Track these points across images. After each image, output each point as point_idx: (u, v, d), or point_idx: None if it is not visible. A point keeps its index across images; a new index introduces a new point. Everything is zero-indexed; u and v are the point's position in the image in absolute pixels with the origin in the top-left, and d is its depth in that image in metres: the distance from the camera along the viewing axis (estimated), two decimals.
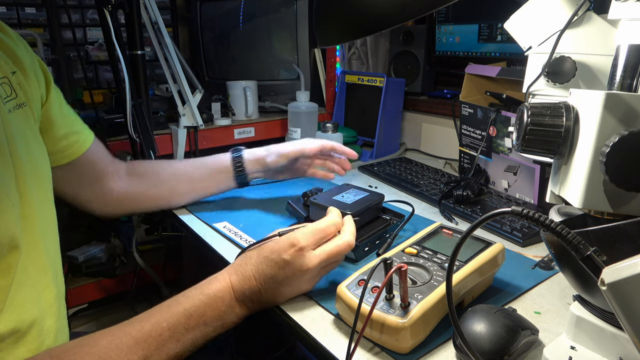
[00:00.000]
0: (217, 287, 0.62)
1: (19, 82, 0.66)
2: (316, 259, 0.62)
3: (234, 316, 0.62)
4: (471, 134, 1.14)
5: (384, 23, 0.66)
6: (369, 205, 0.82)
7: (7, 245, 0.56)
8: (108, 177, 0.89)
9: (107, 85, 1.54)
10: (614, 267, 0.35)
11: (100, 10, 1.05)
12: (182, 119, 1.28)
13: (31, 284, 0.61)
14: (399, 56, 1.57)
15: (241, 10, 1.51)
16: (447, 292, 0.44)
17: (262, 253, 0.64)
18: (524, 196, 1.02)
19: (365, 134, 1.44)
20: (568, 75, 0.62)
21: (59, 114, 0.76)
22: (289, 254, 0.62)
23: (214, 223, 0.92)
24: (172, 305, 0.59)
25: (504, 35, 1.21)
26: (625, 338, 0.46)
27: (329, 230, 0.65)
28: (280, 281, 0.63)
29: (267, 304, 0.65)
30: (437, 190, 1.08)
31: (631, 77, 0.50)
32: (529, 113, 0.50)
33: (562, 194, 0.51)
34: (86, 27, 1.52)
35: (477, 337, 0.53)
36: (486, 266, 0.64)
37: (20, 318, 0.58)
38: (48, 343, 0.63)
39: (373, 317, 0.55)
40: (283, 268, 0.62)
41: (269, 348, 1.35)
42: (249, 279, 0.62)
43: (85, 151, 0.81)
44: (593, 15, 0.62)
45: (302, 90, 1.32)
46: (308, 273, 0.63)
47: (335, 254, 0.64)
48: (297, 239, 0.63)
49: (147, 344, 0.55)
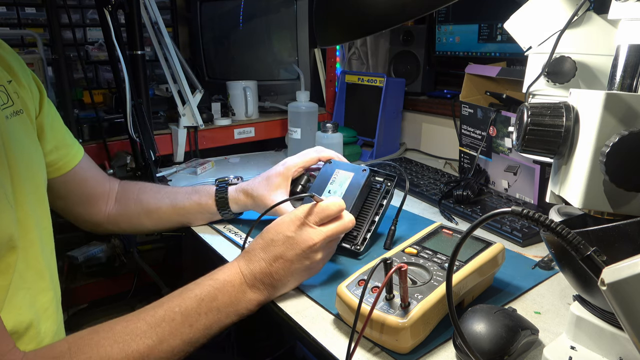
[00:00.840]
0: (227, 272, 0.63)
1: (15, 91, 0.67)
2: (321, 234, 0.64)
3: (247, 302, 0.62)
4: (471, 134, 1.14)
5: (384, 23, 0.66)
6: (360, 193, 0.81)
7: (6, 245, 0.56)
8: (98, 197, 0.88)
9: (107, 85, 1.54)
10: (614, 267, 0.35)
11: (100, 10, 1.05)
12: (182, 119, 1.28)
13: (27, 286, 0.61)
14: (399, 56, 1.56)
15: (241, 10, 1.51)
16: (447, 292, 0.44)
17: (267, 235, 0.65)
18: (524, 196, 1.02)
19: (365, 134, 1.44)
20: (568, 75, 0.62)
21: (49, 127, 0.76)
22: (292, 231, 0.64)
23: (214, 223, 0.92)
24: (184, 292, 0.60)
25: (504, 35, 1.21)
26: (625, 338, 0.46)
27: (330, 208, 0.66)
28: (290, 259, 0.63)
29: (281, 287, 0.65)
30: (437, 190, 1.08)
31: (631, 77, 0.50)
32: (529, 113, 0.50)
33: (562, 194, 0.51)
34: (86, 27, 1.52)
35: (477, 337, 0.53)
36: (486, 266, 0.64)
37: (17, 320, 0.58)
38: (45, 344, 0.63)
39: (373, 317, 0.55)
40: (290, 245, 0.63)
41: (269, 348, 1.35)
42: (257, 260, 0.64)
43: (74, 166, 0.81)
44: (593, 15, 0.62)
45: (302, 90, 1.32)
46: (315, 249, 0.64)
47: (339, 230, 0.66)
48: (299, 216, 0.65)
49: (160, 328, 0.56)
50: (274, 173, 0.86)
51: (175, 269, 1.51)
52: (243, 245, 0.76)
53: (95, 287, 1.47)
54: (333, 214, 0.66)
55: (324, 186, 0.84)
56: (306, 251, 0.63)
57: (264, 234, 0.66)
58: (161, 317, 0.57)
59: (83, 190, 0.85)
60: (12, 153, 0.61)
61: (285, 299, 0.67)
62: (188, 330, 0.57)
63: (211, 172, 1.28)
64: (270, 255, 0.64)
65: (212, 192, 0.88)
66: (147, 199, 0.90)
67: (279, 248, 0.64)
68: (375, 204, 0.83)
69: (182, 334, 0.57)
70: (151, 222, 0.90)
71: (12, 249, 0.57)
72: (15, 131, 0.64)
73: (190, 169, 1.26)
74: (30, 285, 0.62)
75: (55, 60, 1.16)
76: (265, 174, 0.87)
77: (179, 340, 0.57)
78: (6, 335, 0.52)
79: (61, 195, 0.82)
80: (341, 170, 0.85)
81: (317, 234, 0.64)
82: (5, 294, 0.57)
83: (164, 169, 1.25)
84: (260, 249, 0.65)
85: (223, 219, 0.92)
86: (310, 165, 0.89)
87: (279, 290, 0.65)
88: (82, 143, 1.16)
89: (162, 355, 0.55)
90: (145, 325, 0.56)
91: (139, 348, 0.54)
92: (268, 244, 0.64)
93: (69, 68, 1.33)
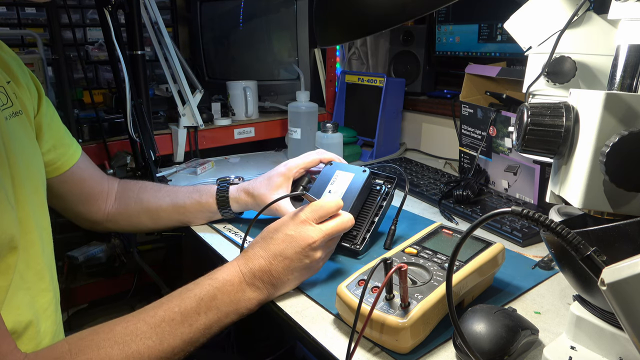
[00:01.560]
0: (226, 271, 0.63)
1: (14, 91, 0.67)
2: (320, 232, 0.64)
3: (247, 301, 0.62)
4: (471, 134, 1.14)
5: (384, 23, 0.66)
6: (359, 193, 0.81)
7: (7, 246, 0.56)
8: (97, 196, 0.88)
9: (107, 85, 1.53)
10: (614, 267, 0.35)
11: (100, 10, 1.05)
12: (182, 119, 1.28)
13: (27, 287, 0.61)
14: (399, 56, 1.56)
15: (241, 10, 1.51)
16: (447, 292, 0.44)
17: (266, 234, 0.66)
18: (524, 196, 1.02)
19: (365, 134, 1.44)
20: (568, 75, 0.62)
21: (47, 126, 0.76)
22: (291, 229, 0.64)
23: (214, 223, 0.92)
24: (183, 292, 0.61)
25: (504, 35, 1.21)
26: (625, 338, 0.46)
27: (329, 206, 0.67)
28: (290, 257, 0.63)
29: (281, 285, 0.65)
30: (437, 190, 1.08)
31: (631, 77, 0.50)
32: (529, 113, 0.50)
33: (562, 194, 0.51)
34: (86, 27, 1.52)
35: (477, 337, 0.53)
36: (486, 266, 0.64)
37: (16, 320, 0.58)
38: (45, 344, 0.63)
39: (373, 317, 0.55)
40: (289, 242, 0.64)
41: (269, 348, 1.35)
42: (256, 258, 0.64)
43: (72, 165, 0.81)
44: (593, 15, 0.62)
45: (302, 90, 1.32)
46: (314, 247, 0.64)
47: (338, 228, 0.66)
48: (298, 215, 0.65)
49: (160, 328, 0.56)
50: (276, 173, 0.86)
51: (175, 269, 1.51)
52: (242, 244, 0.76)
53: (95, 287, 1.47)
54: (332, 212, 0.67)
55: (325, 187, 0.84)
56: (306, 249, 0.64)
57: (264, 233, 0.67)
58: (161, 318, 0.57)
59: (82, 189, 0.85)
60: (13, 154, 0.61)
61: (285, 299, 0.67)
62: (188, 330, 0.57)
63: (211, 172, 1.28)
64: (269, 253, 0.64)
65: (213, 191, 0.88)
66: (147, 198, 0.90)
67: (278, 246, 0.64)
68: (375, 205, 0.83)
69: (182, 333, 0.57)
70: (151, 221, 0.90)
71: (13, 250, 0.57)
72: (15, 132, 0.64)
73: (190, 169, 1.26)
74: (30, 285, 0.62)
75: (55, 60, 1.16)
76: (266, 174, 0.87)
77: (179, 340, 0.57)
78: (7, 336, 0.52)
79: (60, 195, 0.82)
80: (341, 171, 0.86)
81: (316, 231, 0.64)
82: (5, 295, 0.57)
83: (164, 169, 1.25)
84: (260, 248, 0.65)
85: (223, 219, 0.92)
86: (311, 167, 0.89)
87: (279, 290, 0.65)
88: (82, 143, 1.16)
89: (162, 355, 0.55)
90: (145, 325, 0.56)
91: (139, 349, 0.54)
92: (267, 242, 0.65)
93: (69, 68, 1.33)
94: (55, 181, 0.79)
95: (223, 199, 0.88)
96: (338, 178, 0.85)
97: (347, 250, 0.80)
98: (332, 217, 0.67)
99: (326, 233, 0.65)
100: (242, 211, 0.91)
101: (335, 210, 0.67)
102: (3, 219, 0.56)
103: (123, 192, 0.91)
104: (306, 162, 0.88)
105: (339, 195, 0.81)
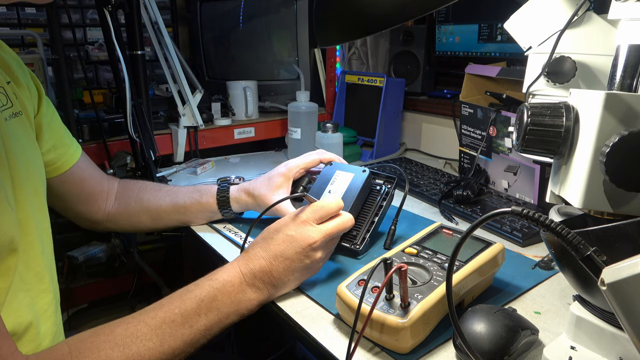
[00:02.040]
0: (226, 272, 0.63)
1: (14, 92, 0.67)
2: (321, 232, 0.64)
3: (247, 301, 0.62)
4: (471, 134, 1.14)
5: (384, 23, 0.66)
6: (359, 193, 0.81)
7: (7, 247, 0.56)
8: (97, 196, 0.87)
9: (107, 85, 1.54)
10: (614, 267, 0.35)
11: (100, 10, 1.05)
12: (182, 119, 1.28)
13: (27, 288, 0.61)
14: (399, 56, 1.56)
15: (241, 10, 1.51)
16: (447, 292, 0.44)
17: (267, 235, 0.66)
18: (524, 196, 1.02)
19: (365, 134, 1.44)
20: (568, 75, 0.62)
21: (47, 126, 0.76)
22: (292, 229, 0.64)
23: (214, 223, 0.92)
24: (183, 293, 0.60)
25: (504, 35, 1.21)
26: (625, 338, 0.46)
27: (330, 206, 0.67)
28: (290, 257, 0.63)
29: (281, 286, 0.65)
30: (437, 190, 1.08)
31: (631, 77, 0.50)
32: (529, 113, 0.50)
33: (562, 194, 0.51)
34: (86, 27, 1.52)
35: (477, 337, 0.53)
36: (486, 266, 0.64)
37: (16, 321, 0.58)
38: (45, 345, 0.63)
39: (373, 317, 0.55)
40: (290, 243, 0.64)
41: (269, 348, 1.35)
42: (257, 259, 0.64)
43: (72, 165, 0.81)
44: (593, 15, 0.62)
45: (302, 90, 1.32)
46: (315, 247, 0.64)
47: (338, 228, 0.66)
48: (298, 215, 0.65)
49: (161, 330, 0.56)
50: (276, 173, 0.86)
51: (175, 269, 1.51)
52: (243, 245, 0.76)
53: (95, 287, 1.47)
54: (332, 213, 0.67)
55: (325, 187, 0.84)
56: (306, 249, 0.64)
57: (264, 234, 0.67)
58: (161, 319, 0.57)
59: (82, 189, 0.85)
60: (12, 155, 0.61)
61: (285, 299, 0.67)
62: (188, 332, 0.57)
63: (211, 172, 1.28)
64: (270, 254, 0.64)
65: (214, 191, 0.88)
66: (147, 197, 0.90)
67: (279, 246, 0.64)
68: (375, 205, 0.83)
69: (182, 335, 0.57)
70: (151, 221, 0.90)
71: (13, 251, 0.57)
72: (15, 133, 0.64)
73: (190, 169, 1.26)
74: (30, 287, 0.62)
75: (55, 60, 1.16)
76: (267, 174, 0.87)
77: (180, 342, 0.57)
78: (8, 338, 0.52)
79: (60, 195, 0.82)
80: (341, 171, 0.86)
81: (316, 232, 0.64)
82: (5, 296, 0.57)
83: (164, 169, 1.25)
84: (260, 248, 0.65)
85: (223, 219, 0.92)
86: (311, 167, 0.89)
87: (279, 290, 0.65)
88: (82, 143, 1.16)
89: (163, 357, 0.55)
90: (146, 327, 0.55)
91: (139, 350, 0.54)
92: (268, 242, 0.65)
93: (69, 68, 1.33)
94: (55, 181, 0.79)
95: (223, 199, 0.88)
96: (338, 178, 0.85)
97: (347, 250, 0.80)
98: (333, 217, 0.67)
99: (326, 233, 0.65)
100: (242, 211, 0.91)
101: (335, 211, 0.67)
102: (3, 220, 0.56)
103: (123, 191, 0.91)
104: (306, 162, 0.88)
105: (339, 195, 0.81)
